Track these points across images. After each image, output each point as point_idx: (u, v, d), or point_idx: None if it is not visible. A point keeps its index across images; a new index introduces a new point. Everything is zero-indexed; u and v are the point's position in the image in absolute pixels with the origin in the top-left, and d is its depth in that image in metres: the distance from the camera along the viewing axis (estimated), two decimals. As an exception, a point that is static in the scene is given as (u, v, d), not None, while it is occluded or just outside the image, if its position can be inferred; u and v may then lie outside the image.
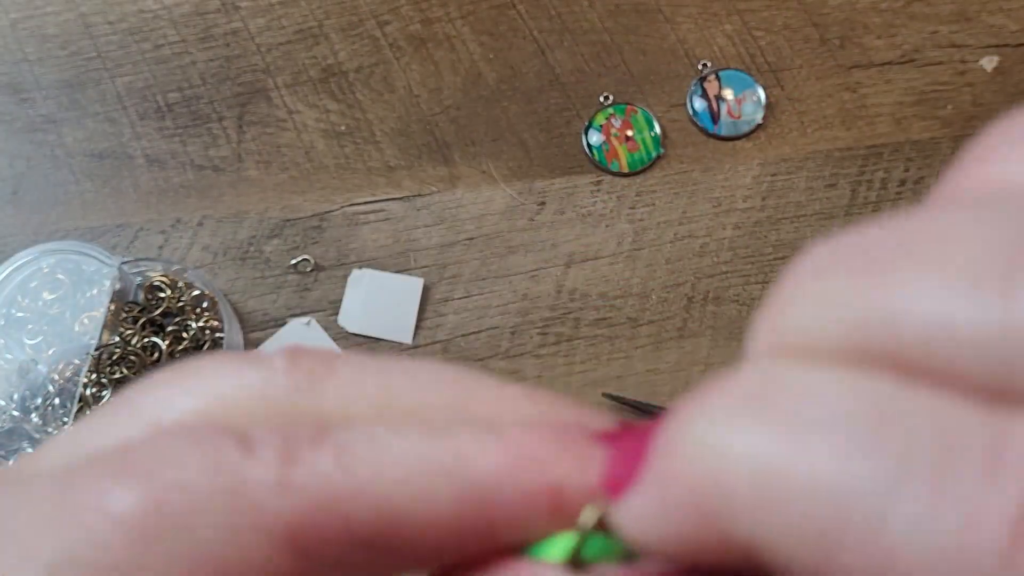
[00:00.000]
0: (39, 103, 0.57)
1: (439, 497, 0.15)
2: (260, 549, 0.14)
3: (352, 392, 0.16)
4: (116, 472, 0.14)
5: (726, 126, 0.57)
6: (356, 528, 0.15)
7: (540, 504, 0.15)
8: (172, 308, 0.52)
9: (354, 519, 0.14)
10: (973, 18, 0.60)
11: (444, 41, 0.59)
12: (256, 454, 0.15)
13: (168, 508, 0.14)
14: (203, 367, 0.17)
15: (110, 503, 0.14)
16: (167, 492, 0.14)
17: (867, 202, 0.56)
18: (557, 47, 0.59)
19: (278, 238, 0.55)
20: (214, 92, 0.57)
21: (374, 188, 0.56)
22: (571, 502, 0.16)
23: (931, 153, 0.57)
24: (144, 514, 0.14)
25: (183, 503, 0.14)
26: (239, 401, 0.16)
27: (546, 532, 0.16)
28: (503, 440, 0.16)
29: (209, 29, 0.59)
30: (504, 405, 0.17)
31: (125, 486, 0.14)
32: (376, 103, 0.58)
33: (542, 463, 0.16)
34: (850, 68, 0.59)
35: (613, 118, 0.57)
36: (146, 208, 0.56)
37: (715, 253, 0.55)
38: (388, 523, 0.15)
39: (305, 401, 0.16)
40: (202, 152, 0.57)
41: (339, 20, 0.59)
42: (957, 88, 0.59)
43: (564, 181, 0.56)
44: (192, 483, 0.14)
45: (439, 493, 0.15)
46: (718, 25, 0.59)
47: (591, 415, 0.17)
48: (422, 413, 0.16)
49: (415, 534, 0.15)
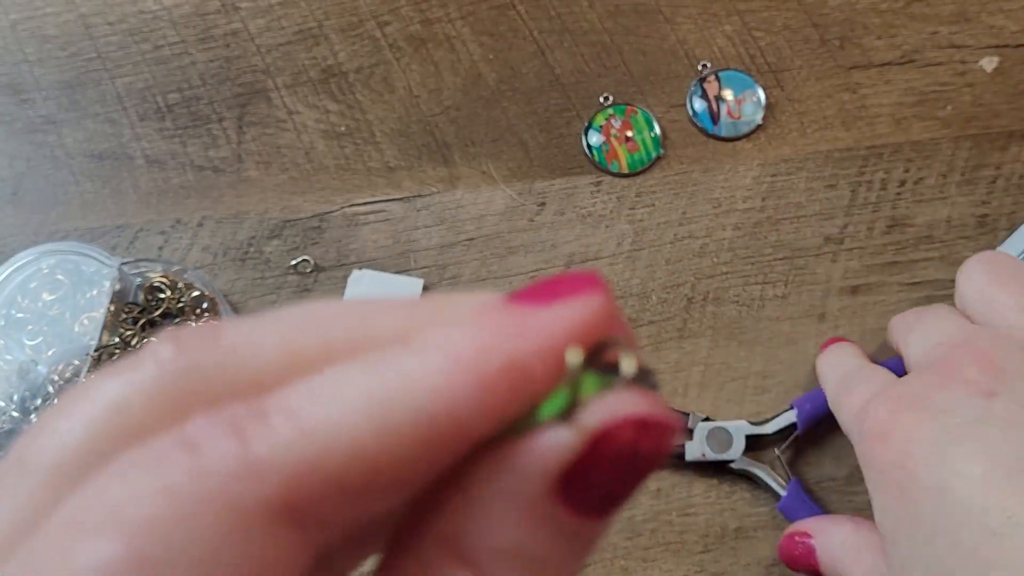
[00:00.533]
0: (39, 104, 0.57)
1: (406, 423, 0.15)
2: (263, 536, 0.14)
3: (254, 352, 0.16)
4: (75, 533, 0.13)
5: (726, 127, 0.57)
6: (341, 479, 0.14)
7: (504, 385, 0.15)
8: (172, 309, 0.52)
9: (335, 471, 0.14)
10: (973, 19, 0.60)
11: (444, 42, 0.59)
12: (203, 449, 0.14)
13: (150, 548, 0.13)
14: (82, 391, 0.16)
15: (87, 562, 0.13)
16: (140, 533, 0.13)
17: (867, 203, 0.56)
18: (557, 48, 0.59)
19: (278, 239, 0.55)
20: (214, 93, 0.57)
21: (374, 189, 0.56)
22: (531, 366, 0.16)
23: (931, 153, 0.57)
24: (130, 564, 0.13)
25: (163, 533, 0.13)
26: (136, 405, 0.15)
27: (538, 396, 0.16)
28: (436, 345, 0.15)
29: (209, 30, 0.59)
30: (399, 317, 0.17)
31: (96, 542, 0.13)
32: (376, 104, 0.58)
33: (487, 348, 0.15)
34: (850, 69, 0.59)
35: (613, 119, 0.57)
36: (146, 209, 0.56)
37: (715, 254, 0.55)
38: (369, 463, 0.15)
39: (209, 378, 0.16)
40: (202, 153, 0.57)
41: (339, 21, 0.59)
42: (957, 89, 0.59)
43: (564, 182, 0.56)
44: (160, 510, 0.13)
45: (404, 420, 0.15)
46: (718, 26, 0.59)
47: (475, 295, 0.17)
48: (333, 350, 0.16)
49: (399, 462, 0.15)
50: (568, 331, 0.16)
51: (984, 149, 0.58)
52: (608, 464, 0.16)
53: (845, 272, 0.55)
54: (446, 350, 0.15)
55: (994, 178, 0.57)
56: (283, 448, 0.14)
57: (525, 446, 0.16)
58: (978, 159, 0.57)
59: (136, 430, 0.15)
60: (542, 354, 0.16)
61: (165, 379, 0.16)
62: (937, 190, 0.57)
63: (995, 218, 0.56)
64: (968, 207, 0.57)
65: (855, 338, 0.54)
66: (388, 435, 0.15)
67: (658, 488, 0.51)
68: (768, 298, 0.55)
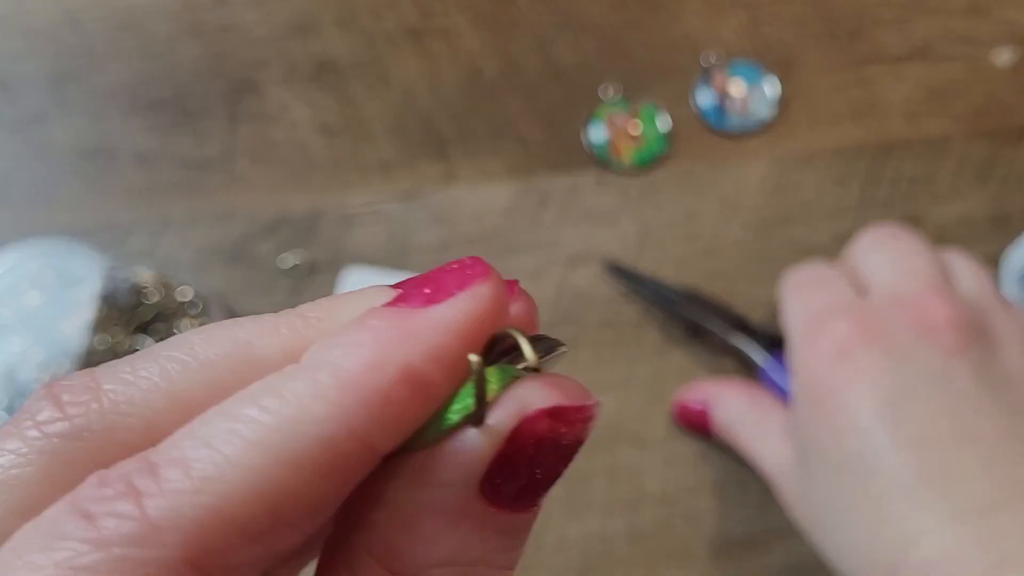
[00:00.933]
0: (25, 99, 0.56)
1: (304, 453, 0.14)
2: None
3: (138, 400, 0.15)
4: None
5: (734, 122, 0.55)
6: (245, 523, 0.14)
7: (402, 397, 0.15)
8: (162, 309, 0.51)
9: (238, 516, 0.14)
10: (986, 12, 0.58)
11: (442, 34, 0.57)
12: (97, 518, 0.14)
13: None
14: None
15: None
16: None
17: (878, 200, 0.55)
18: (559, 40, 0.57)
19: (271, 237, 0.53)
20: (205, 88, 0.56)
21: (370, 186, 0.54)
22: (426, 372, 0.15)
23: (943, 150, 0.56)
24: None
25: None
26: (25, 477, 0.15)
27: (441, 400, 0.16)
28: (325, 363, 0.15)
29: (199, 23, 0.57)
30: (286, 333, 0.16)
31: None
32: (372, 99, 0.56)
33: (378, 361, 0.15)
34: (860, 63, 0.57)
35: (617, 114, 0.55)
36: (135, 207, 0.54)
37: (722, 253, 0.54)
38: (271, 501, 0.14)
39: (95, 434, 0.15)
40: (193, 150, 0.55)
41: (334, 13, 0.57)
42: (970, 84, 0.57)
43: (566, 179, 0.55)
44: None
45: (301, 451, 0.14)
46: (725, 19, 0.58)
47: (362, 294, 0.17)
48: (220, 384, 0.15)
49: (304, 494, 0.14)
50: (460, 329, 0.16)
51: (997, 145, 0.56)
52: (529, 458, 0.16)
53: (856, 272, 0.54)
54: (335, 368, 0.15)
55: (1007, 175, 0.56)
56: (179, 503, 0.14)
57: (440, 456, 0.15)
58: (991, 155, 0.56)
59: (29, 503, 0.14)
60: (437, 358, 0.15)
61: (50, 443, 0.15)
62: (950, 187, 0.55)
63: (1009, 215, 0.55)
64: (981, 204, 0.55)
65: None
66: (287, 468, 0.14)
67: (663, 493, 0.50)
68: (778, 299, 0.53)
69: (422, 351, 0.15)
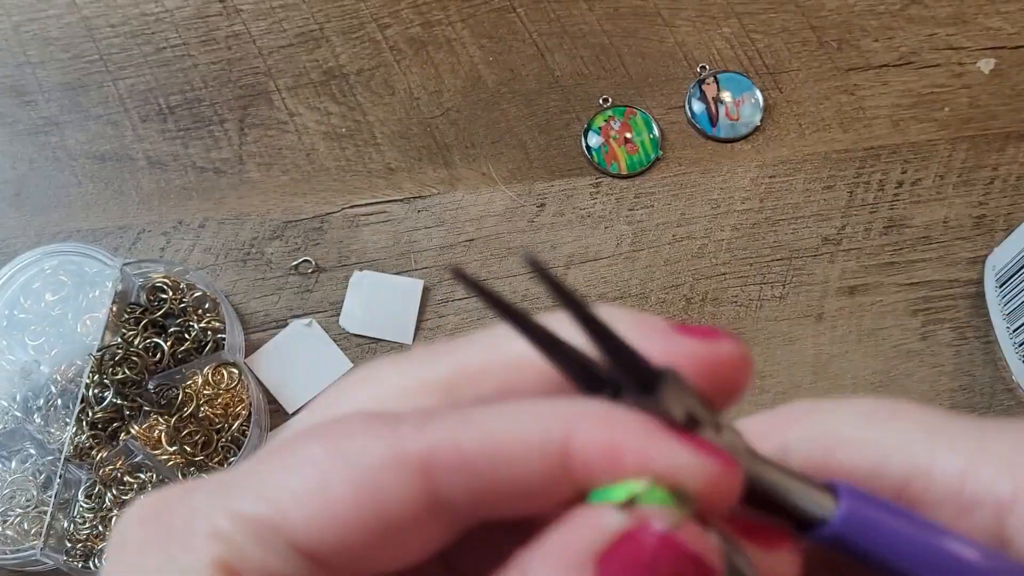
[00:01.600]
0: (42, 106, 0.58)
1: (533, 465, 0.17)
2: (400, 475, 0.17)
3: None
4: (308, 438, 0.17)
5: (724, 128, 0.57)
6: (469, 465, 0.17)
7: (606, 461, 0.17)
8: (174, 309, 0.52)
9: (468, 457, 0.17)
10: (970, 21, 0.60)
11: (444, 44, 0.59)
12: (402, 419, 0.17)
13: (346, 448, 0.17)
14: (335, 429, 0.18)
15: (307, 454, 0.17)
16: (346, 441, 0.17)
17: (864, 204, 0.57)
18: (556, 50, 0.59)
19: (279, 240, 0.55)
20: (216, 95, 0.58)
21: (375, 190, 0.56)
22: (629, 460, 0.17)
23: (928, 155, 0.58)
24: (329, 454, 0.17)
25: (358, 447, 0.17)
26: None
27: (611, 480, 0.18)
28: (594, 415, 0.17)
29: (211, 32, 0.59)
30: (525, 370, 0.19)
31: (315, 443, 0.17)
32: (377, 105, 0.58)
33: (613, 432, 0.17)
34: (847, 70, 0.59)
35: (612, 120, 0.57)
36: (148, 210, 0.56)
37: (713, 254, 0.56)
38: (492, 468, 0.17)
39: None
40: (204, 154, 0.57)
41: (340, 23, 0.59)
42: (954, 90, 0.59)
43: (563, 183, 0.57)
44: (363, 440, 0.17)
45: (534, 463, 0.17)
46: (716, 28, 0.60)
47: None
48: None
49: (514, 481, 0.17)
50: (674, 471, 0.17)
51: (981, 150, 0.58)
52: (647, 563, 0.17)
53: (843, 273, 0.55)
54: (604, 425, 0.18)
55: (991, 179, 0.57)
56: (446, 426, 0.17)
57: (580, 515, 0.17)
58: (975, 160, 0.58)
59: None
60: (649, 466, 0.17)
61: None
62: (934, 191, 0.57)
63: (992, 219, 0.57)
64: (965, 208, 0.57)
65: (852, 339, 0.54)
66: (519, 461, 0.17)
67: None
68: (766, 299, 0.55)
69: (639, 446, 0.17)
